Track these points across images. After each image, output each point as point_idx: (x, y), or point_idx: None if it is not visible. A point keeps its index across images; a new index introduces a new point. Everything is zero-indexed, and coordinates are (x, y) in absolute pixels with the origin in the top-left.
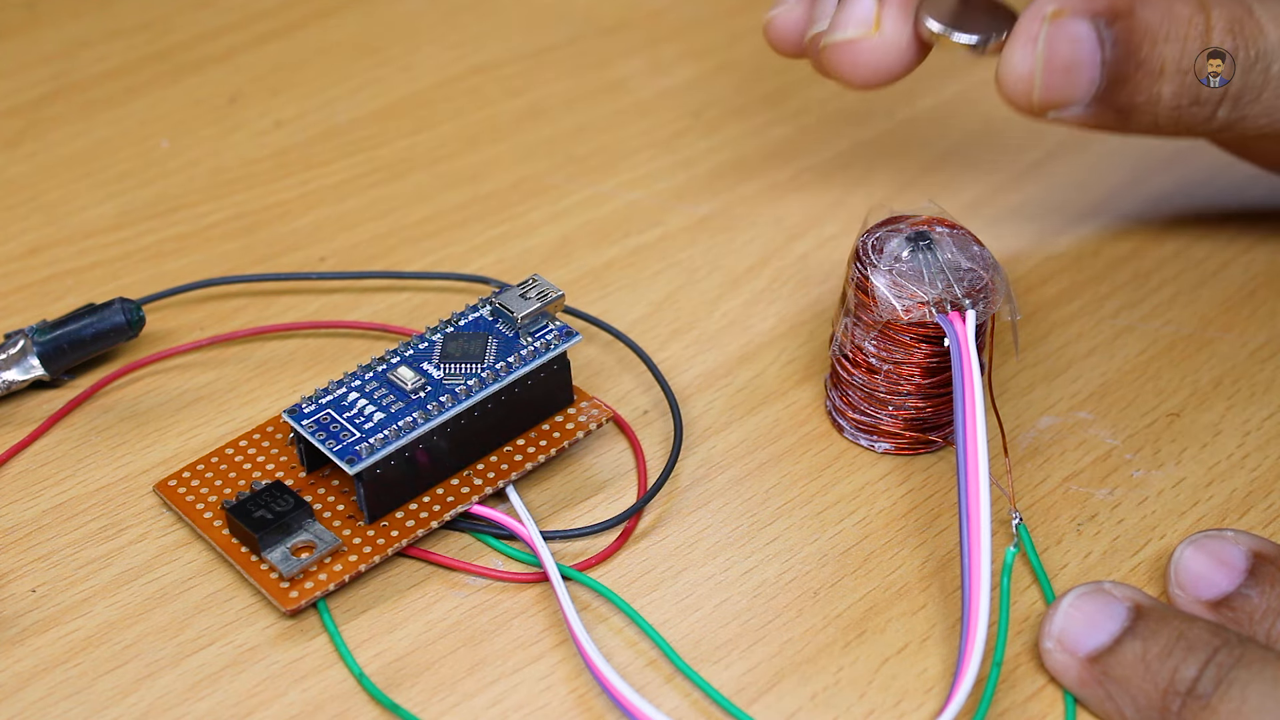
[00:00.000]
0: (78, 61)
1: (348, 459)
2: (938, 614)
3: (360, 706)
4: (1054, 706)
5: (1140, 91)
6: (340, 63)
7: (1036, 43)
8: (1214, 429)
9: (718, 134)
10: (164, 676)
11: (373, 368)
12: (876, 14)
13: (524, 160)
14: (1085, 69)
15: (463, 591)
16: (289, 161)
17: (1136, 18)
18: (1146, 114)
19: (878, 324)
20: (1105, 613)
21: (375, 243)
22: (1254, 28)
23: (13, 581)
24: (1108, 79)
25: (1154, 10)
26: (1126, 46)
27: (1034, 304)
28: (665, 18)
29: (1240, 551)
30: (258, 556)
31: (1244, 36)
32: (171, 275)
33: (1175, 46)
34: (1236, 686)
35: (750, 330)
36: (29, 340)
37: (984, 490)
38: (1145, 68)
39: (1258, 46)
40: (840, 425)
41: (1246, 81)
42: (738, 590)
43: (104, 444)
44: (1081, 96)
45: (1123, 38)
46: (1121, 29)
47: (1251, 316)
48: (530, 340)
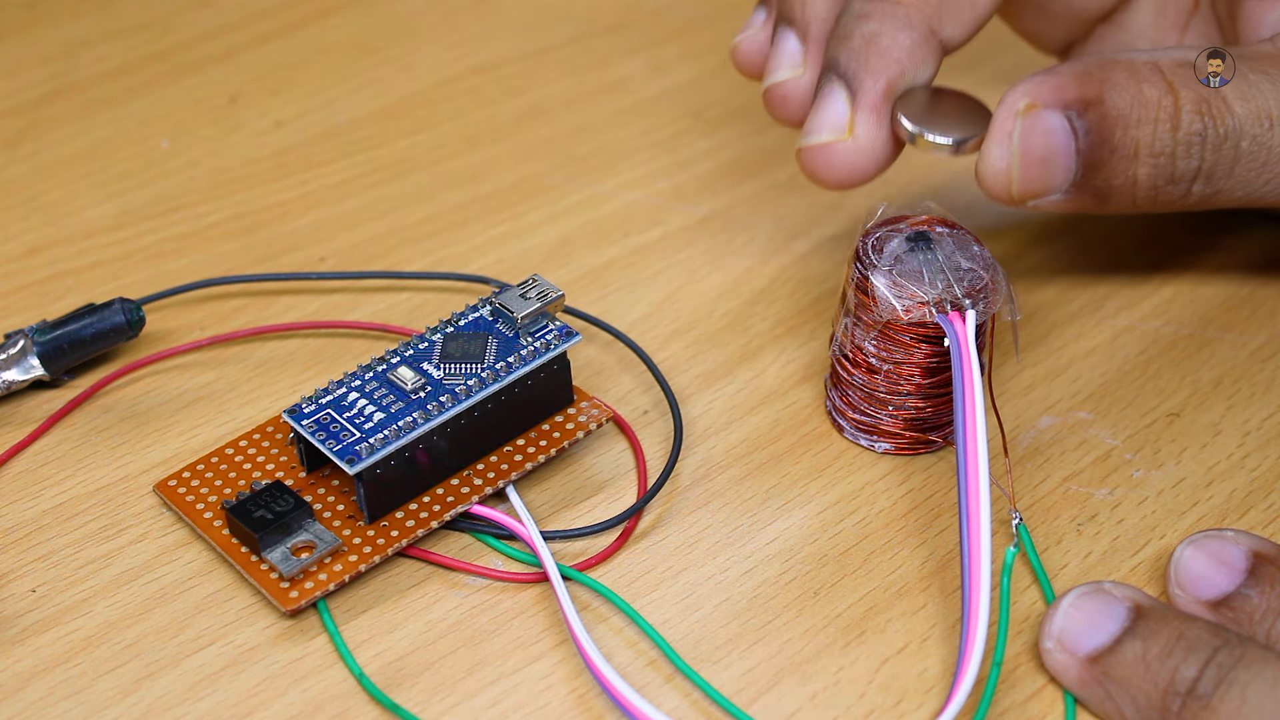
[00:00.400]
0: (78, 61)
1: (348, 459)
2: (938, 614)
3: (360, 706)
4: (1054, 706)
5: (1116, 175)
6: (340, 63)
7: (1012, 138)
8: (1214, 429)
9: (718, 134)
10: (164, 676)
11: (373, 368)
12: (850, 118)
13: (524, 160)
14: (1061, 159)
15: (463, 591)
16: (289, 161)
17: (1107, 105)
18: (1124, 195)
19: (878, 324)
20: (1105, 613)
21: (375, 243)
22: (1221, 106)
23: (13, 581)
24: (1084, 166)
25: (1123, 96)
26: (1100, 134)
27: (1034, 304)
28: (665, 18)
29: (1240, 551)
30: (258, 556)
31: (1212, 115)
32: (171, 275)
33: (1147, 129)
34: (1236, 687)
35: (750, 330)
36: (29, 340)
37: (984, 490)
38: (1119, 152)
39: (1226, 124)
40: (840, 425)
41: (1218, 158)
42: (738, 590)
43: (104, 444)
44: (1060, 185)
45: (1095, 125)
46: (1093, 117)
47: (1251, 316)
48: (530, 340)
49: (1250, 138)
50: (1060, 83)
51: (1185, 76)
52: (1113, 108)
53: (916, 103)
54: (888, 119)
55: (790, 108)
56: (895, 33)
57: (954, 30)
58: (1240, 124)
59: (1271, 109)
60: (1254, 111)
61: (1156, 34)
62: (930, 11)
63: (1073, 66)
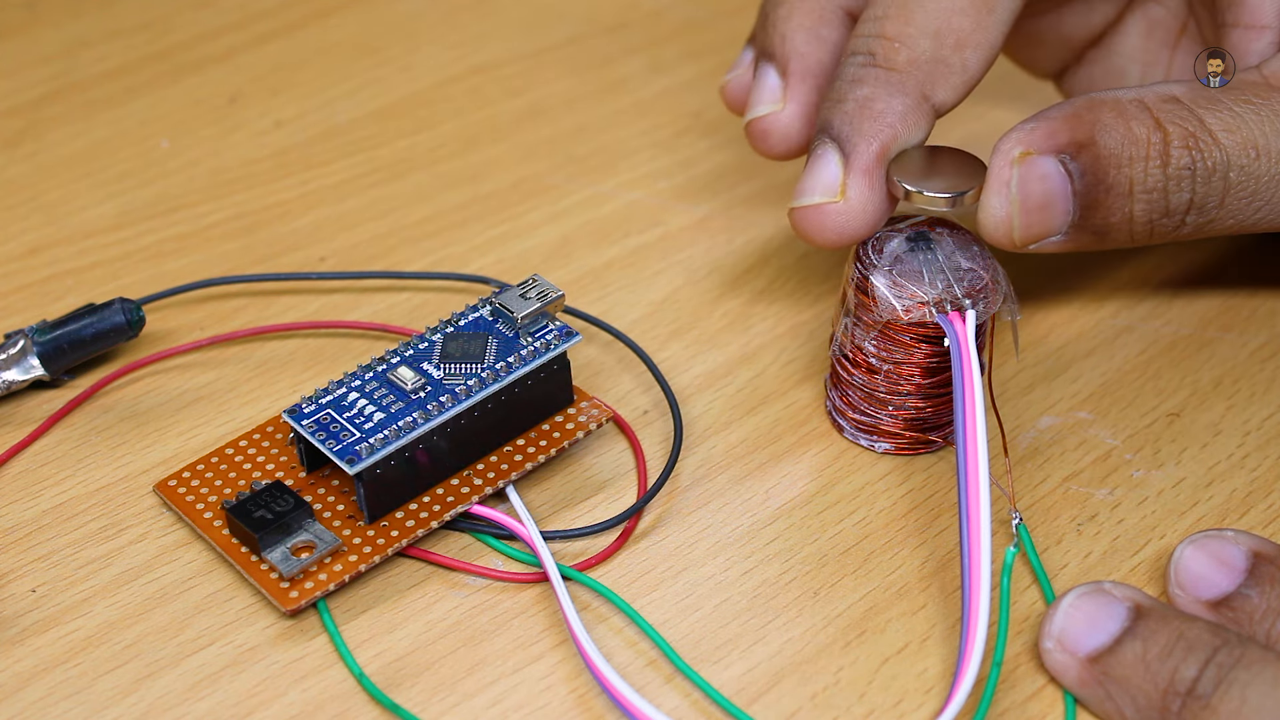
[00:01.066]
0: (78, 61)
1: (348, 459)
2: (938, 614)
3: (360, 706)
4: (1054, 706)
5: (1113, 213)
6: (340, 63)
7: (1009, 187)
8: (1214, 429)
9: (718, 134)
10: (164, 676)
11: (373, 368)
12: (842, 181)
13: (524, 160)
14: (1059, 202)
15: (463, 591)
16: (289, 161)
17: (1099, 146)
18: (1122, 232)
19: (877, 324)
20: (1105, 613)
21: (375, 243)
22: (1208, 139)
23: (13, 581)
24: (1081, 207)
25: (1114, 136)
26: (1094, 175)
27: (1034, 304)
28: (665, 18)
29: (1240, 551)
30: (258, 556)
31: (1200, 149)
32: (171, 275)
33: (1139, 167)
34: (1236, 687)
35: (750, 330)
36: (29, 340)
37: (984, 490)
38: (1115, 191)
39: (1214, 157)
40: (840, 425)
41: (1208, 190)
42: (738, 590)
43: (104, 444)
44: (1059, 227)
45: (1089, 167)
46: (1086, 159)
47: (1251, 316)
48: (530, 340)
49: (1238, 169)
50: (1051, 128)
51: (1172, 112)
52: (1104, 148)
53: (911, 162)
54: (879, 182)
55: (771, 141)
56: (889, 97)
57: (946, 95)
58: (1228, 156)
59: (1257, 139)
60: (1240, 143)
61: (1146, 56)
62: (923, 77)
63: (1061, 110)
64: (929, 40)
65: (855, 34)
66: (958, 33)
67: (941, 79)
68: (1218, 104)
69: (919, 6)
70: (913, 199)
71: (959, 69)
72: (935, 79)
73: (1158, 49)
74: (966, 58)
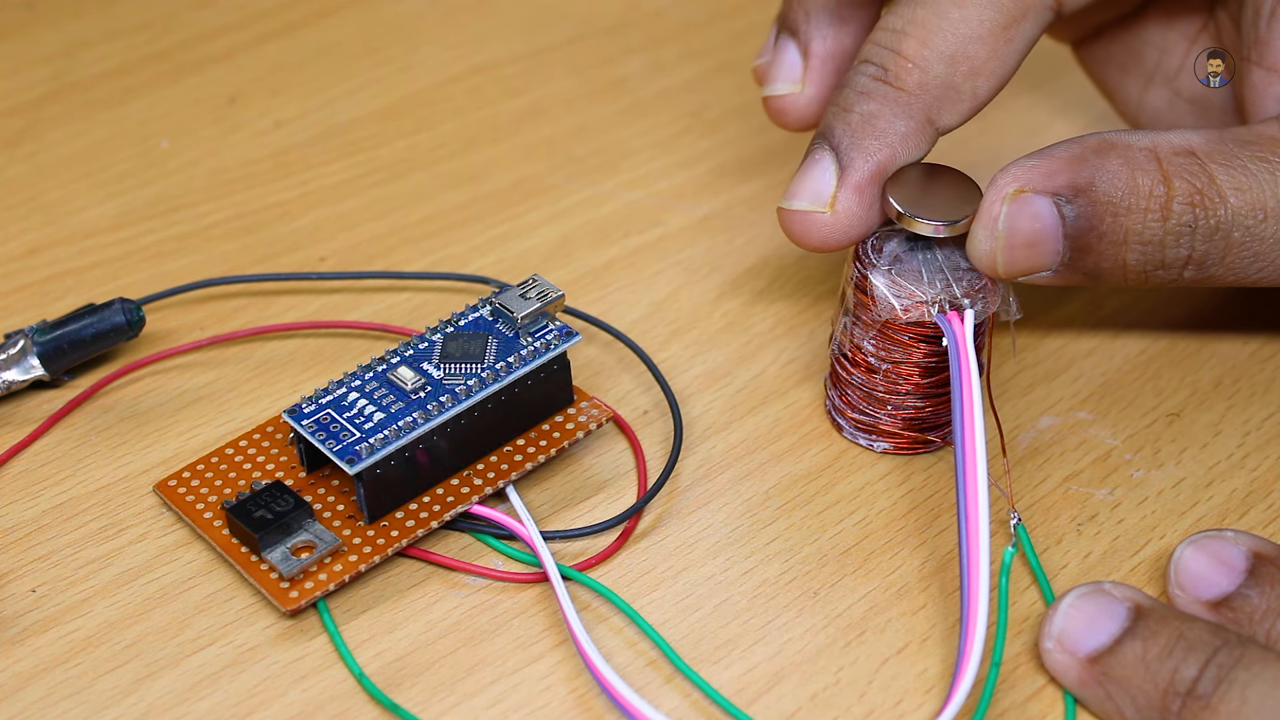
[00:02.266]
0: (78, 61)
1: (348, 459)
2: (938, 614)
3: (360, 706)
4: (1054, 707)
5: (1105, 260)
6: (340, 63)
7: (998, 223)
8: (1214, 429)
9: (718, 134)
10: (164, 676)
11: (373, 368)
12: (833, 193)
13: (524, 160)
14: (1048, 242)
15: (463, 591)
16: (289, 161)
17: (1097, 191)
18: (1114, 277)
19: (876, 323)
20: (1105, 613)
21: (375, 243)
22: (1215, 197)
23: (13, 581)
24: (1071, 250)
25: (1115, 183)
26: (1088, 220)
27: (1034, 304)
28: (665, 18)
29: (1240, 551)
30: (258, 556)
31: (1204, 207)
32: (171, 275)
33: (1137, 219)
34: (1236, 687)
35: (750, 330)
36: (29, 340)
37: (983, 490)
38: (1108, 239)
39: (1218, 216)
40: (839, 425)
41: (1210, 248)
42: (738, 590)
43: (104, 444)
44: (1048, 265)
45: (1084, 212)
46: (1082, 203)
47: (1251, 316)
48: (530, 340)
49: (1243, 229)
50: (1052, 168)
51: (1182, 166)
52: (1102, 194)
53: (908, 181)
54: (870, 198)
55: (788, 119)
56: (893, 118)
57: (951, 120)
58: (1233, 216)
59: (1266, 201)
60: (1249, 204)
61: (1164, 43)
62: (930, 101)
63: (1068, 149)
64: (943, 66)
65: (871, 40)
66: (972, 60)
67: (950, 105)
68: (1232, 160)
69: (938, 29)
70: (903, 222)
71: (969, 96)
72: (943, 104)
73: (1177, 39)
74: (978, 85)
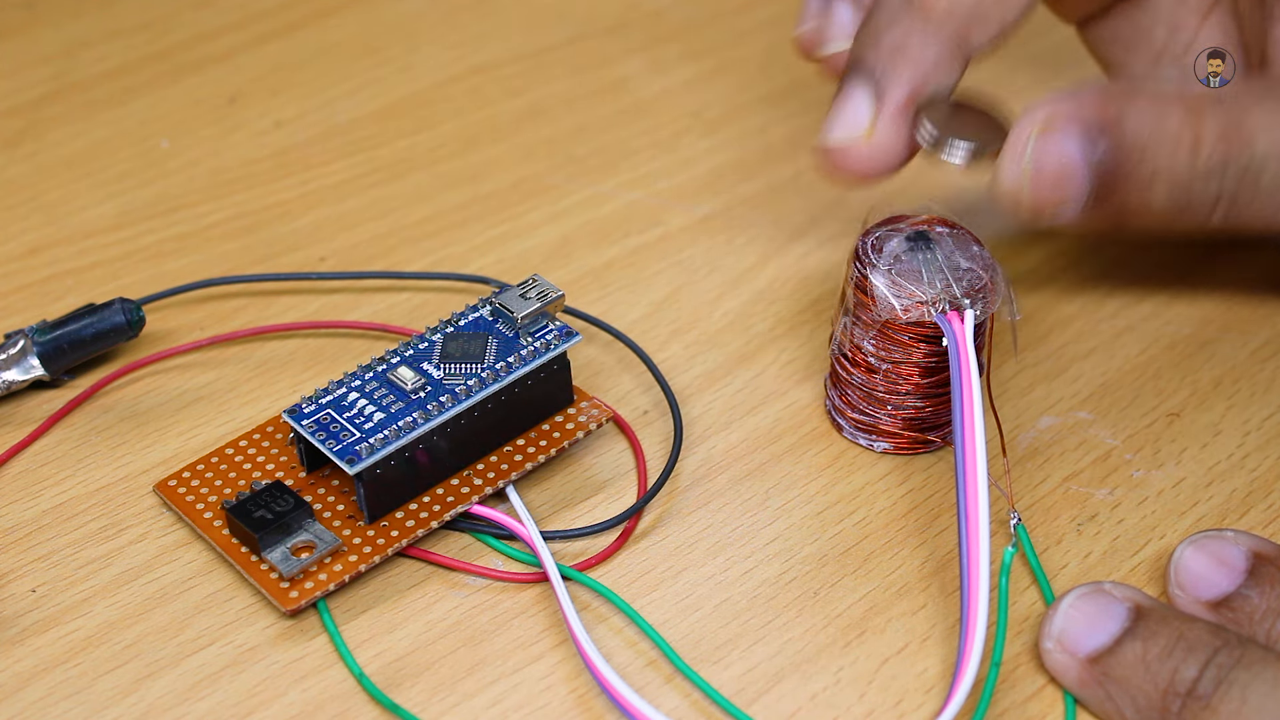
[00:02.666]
0: (78, 61)
1: (348, 459)
2: (938, 614)
3: (360, 706)
4: (1054, 707)
5: (1131, 199)
6: (340, 63)
7: (1025, 155)
8: (1214, 429)
9: (718, 134)
10: (164, 676)
11: (373, 368)
12: (871, 121)
13: (524, 160)
14: (1075, 179)
15: (463, 591)
16: (289, 161)
17: (1125, 130)
18: (1140, 218)
19: (876, 323)
20: (1105, 613)
21: (375, 243)
22: (1244, 139)
23: (13, 581)
24: (1097, 188)
25: (1143, 122)
26: (1115, 158)
27: (1034, 304)
28: (665, 18)
29: (1240, 552)
30: (258, 556)
31: (1234, 148)
32: (171, 275)
33: (1165, 159)
34: (1237, 687)
35: (750, 330)
36: (29, 340)
37: (983, 491)
38: (1135, 177)
39: (1247, 157)
40: (839, 424)
41: (1239, 188)
42: (738, 590)
43: (104, 444)
44: (1072, 203)
45: (1111, 149)
46: (1110, 141)
47: (1251, 316)
48: (530, 340)
49: (1272, 172)
50: (1080, 103)
51: (1212, 106)
52: (1131, 133)
53: (938, 112)
54: (905, 126)
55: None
56: (924, 43)
57: (981, 40)
58: (1261, 157)
59: None
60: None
61: (1175, 20)
62: (959, 24)
63: (1097, 88)
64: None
65: None
66: None
67: (978, 29)
68: (1263, 101)
69: None
70: (934, 148)
71: (996, 20)
72: (971, 28)
73: (1188, 15)
74: (1006, 7)
